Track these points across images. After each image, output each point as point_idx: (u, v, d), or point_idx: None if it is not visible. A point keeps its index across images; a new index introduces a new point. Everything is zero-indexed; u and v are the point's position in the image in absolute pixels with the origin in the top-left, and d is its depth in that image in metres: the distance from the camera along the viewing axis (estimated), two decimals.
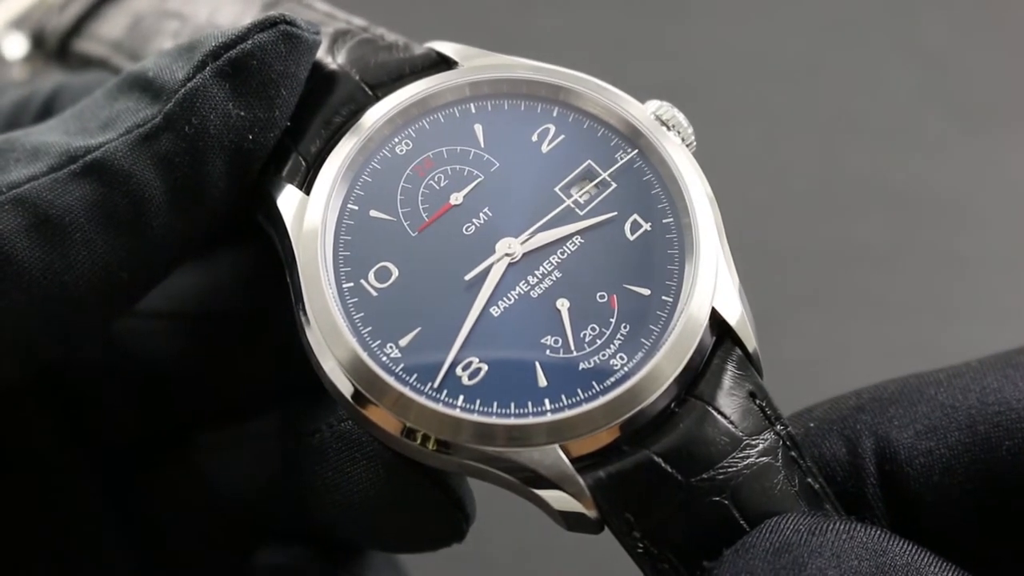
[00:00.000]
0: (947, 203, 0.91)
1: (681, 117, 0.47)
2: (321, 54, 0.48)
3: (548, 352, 0.43)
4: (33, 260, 0.42)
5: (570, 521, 0.43)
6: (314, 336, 0.43)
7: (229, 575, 0.55)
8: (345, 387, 0.43)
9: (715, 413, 0.42)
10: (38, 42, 0.64)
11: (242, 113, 0.44)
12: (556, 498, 0.42)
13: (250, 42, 0.44)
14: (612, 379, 0.43)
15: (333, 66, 0.47)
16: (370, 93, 0.47)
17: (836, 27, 0.99)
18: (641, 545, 0.42)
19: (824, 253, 0.90)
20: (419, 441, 0.42)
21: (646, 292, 0.44)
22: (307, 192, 0.45)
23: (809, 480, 0.43)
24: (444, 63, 0.48)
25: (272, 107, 0.44)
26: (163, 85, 0.44)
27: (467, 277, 0.44)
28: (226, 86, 0.43)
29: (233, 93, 0.43)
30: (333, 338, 0.43)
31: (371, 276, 0.44)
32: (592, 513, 0.42)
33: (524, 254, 0.44)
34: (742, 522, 0.41)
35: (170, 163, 0.43)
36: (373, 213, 0.45)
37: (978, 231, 0.90)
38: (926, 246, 0.90)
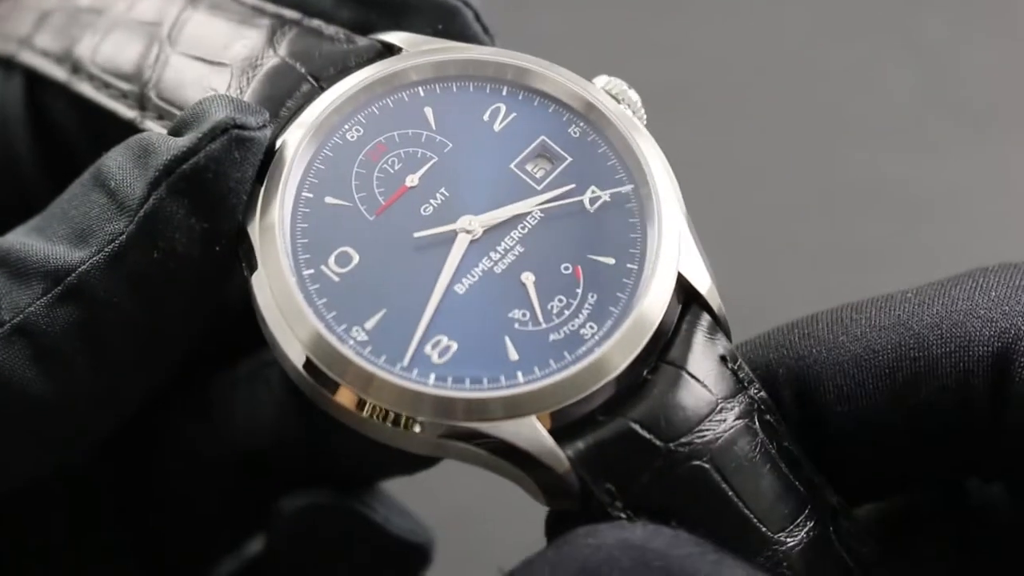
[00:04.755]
0: (947, 203, 0.91)
1: (631, 92, 0.47)
2: (261, 46, 0.47)
3: (517, 326, 0.43)
4: (43, 390, 0.43)
5: (550, 495, 0.42)
6: (277, 322, 0.43)
7: (250, 524, 0.56)
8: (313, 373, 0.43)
9: (689, 377, 0.42)
10: None
11: (206, 226, 0.43)
12: (536, 472, 0.42)
13: (203, 154, 0.42)
14: (584, 348, 0.42)
15: (275, 59, 0.47)
16: (316, 85, 0.47)
17: (836, 27, 1.00)
18: (624, 516, 0.41)
19: (822, 253, 0.90)
20: (395, 422, 0.42)
21: (610, 261, 0.44)
22: (259, 184, 0.45)
23: (786, 443, 0.43)
24: (389, 52, 0.48)
25: (234, 215, 0.44)
26: (123, 200, 0.43)
27: (417, 235, 0.44)
28: (185, 202, 0.43)
29: (193, 208, 0.43)
30: (298, 324, 0.43)
31: (331, 261, 0.44)
32: (574, 485, 0.42)
33: (484, 231, 0.44)
34: (723, 486, 0.41)
35: (144, 282, 0.43)
36: (328, 200, 0.45)
37: (977, 232, 0.90)
38: (925, 246, 0.90)
